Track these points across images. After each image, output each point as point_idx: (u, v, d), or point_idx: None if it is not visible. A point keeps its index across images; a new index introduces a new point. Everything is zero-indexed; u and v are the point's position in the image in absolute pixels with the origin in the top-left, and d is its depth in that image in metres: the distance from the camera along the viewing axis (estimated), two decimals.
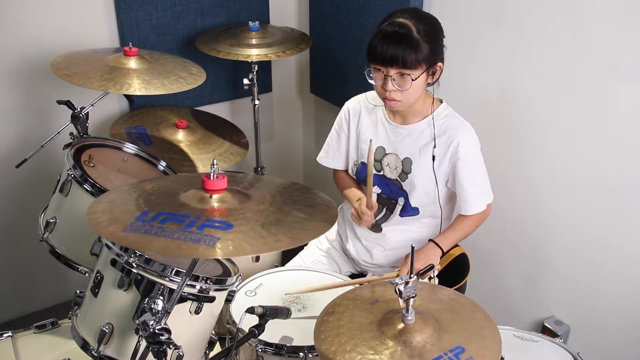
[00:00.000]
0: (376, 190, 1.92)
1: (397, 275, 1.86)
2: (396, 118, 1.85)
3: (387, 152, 1.87)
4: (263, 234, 1.15)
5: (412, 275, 1.22)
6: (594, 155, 1.97)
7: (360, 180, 1.96)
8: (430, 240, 1.88)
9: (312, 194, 1.40)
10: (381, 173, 1.90)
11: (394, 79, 1.66)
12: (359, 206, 1.87)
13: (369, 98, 1.90)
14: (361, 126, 1.93)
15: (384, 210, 1.93)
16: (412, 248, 1.31)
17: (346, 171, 2.03)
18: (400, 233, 1.92)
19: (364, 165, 1.92)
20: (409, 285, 1.21)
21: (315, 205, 1.32)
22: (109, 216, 1.25)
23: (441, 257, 2.15)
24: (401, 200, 1.87)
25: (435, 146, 1.76)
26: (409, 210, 1.87)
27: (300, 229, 1.19)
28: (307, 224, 1.22)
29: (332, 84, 2.95)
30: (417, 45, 1.63)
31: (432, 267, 1.73)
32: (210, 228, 1.15)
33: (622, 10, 1.78)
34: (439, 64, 1.71)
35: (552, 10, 1.95)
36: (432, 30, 1.67)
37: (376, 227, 1.95)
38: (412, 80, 1.65)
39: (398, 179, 1.86)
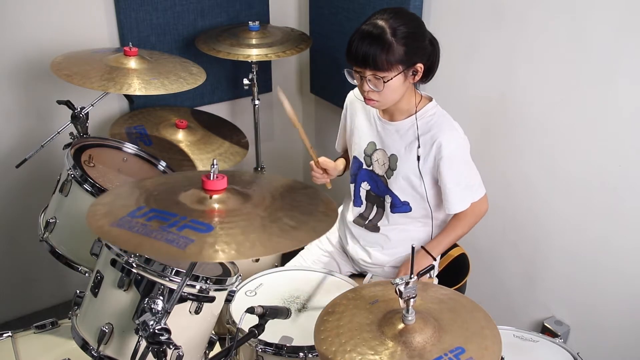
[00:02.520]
0: (365, 186, 1.94)
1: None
2: (385, 114, 1.86)
3: (377, 148, 1.88)
4: (239, 239, 1.14)
5: (412, 276, 1.23)
6: (594, 154, 1.97)
7: (351, 174, 1.99)
8: (422, 247, 1.89)
9: (317, 200, 1.37)
10: (371, 168, 1.91)
11: (369, 80, 1.67)
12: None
13: None
14: (356, 120, 1.95)
15: (375, 207, 1.95)
16: (413, 248, 1.31)
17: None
18: (398, 232, 1.93)
19: (355, 160, 1.95)
20: (409, 286, 1.21)
21: (312, 213, 1.29)
22: (107, 209, 1.27)
23: (441, 257, 2.16)
24: (388, 198, 1.89)
25: (419, 146, 1.77)
26: (399, 206, 1.88)
27: (282, 238, 1.17)
28: (292, 232, 1.19)
29: (332, 84, 2.95)
30: (390, 47, 1.62)
31: (432, 267, 1.73)
32: (189, 229, 1.15)
33: (622, 10, 1.78)
34: (419, 64, 1.69)
35: (552, 10, 1.95)
36: (410, 31, 1.65)
37: (373, 227, 1.96)
38: (385, 82, 1.65)
39: (385, 175, 1.87)
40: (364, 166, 1.92)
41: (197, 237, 1.13)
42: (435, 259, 1.90)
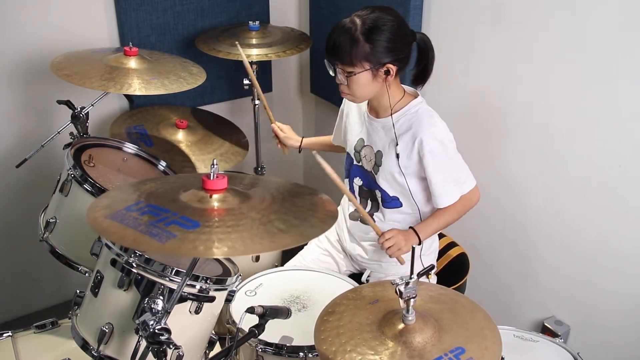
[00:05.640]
0: (358, 182, 1.97)
1: (380, 235, 1.86)
2: (371, 111, 1.89)
3: (365, 144, 1.91)
4: (220, 238, 1.15)
5: (412, 276, 1.23)
6: (594, 154, 1.97)
7: (345, 169, 2.02)
8: (410, 227, 1.89)
9: (318, 206, 1.36)
10: (360, 164, 1.93)
11: (339, 73, 1.73)
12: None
13: None
14: (350, 117, 1.98)
15: (369, 202, 1.96)
16: (413, 249, 1.31)
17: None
18: (392, 226, 1.93)
19: (347, 155, 1.99)
20: (409, 286, 1.21)
21: (306, 219, 1.29)
22: (109, 202, 1.30)
23: (441, 257, 2.16)
24: (378, 193, 1.90)
25: (397, 144, 1.78)
26: (389, 201, 1.89)
27: (265, 240, 1.17)
28: (278, 236, 1.20)
29: (332, 84, 2.91)
30: (355, 43, 1.66)
31: (432, 267, 1.73)
32: (176, 225, 1.18)
33: (622, 11, 1.78)
34: (389, 65, 1.70)
35: (551, 9, 1.95)
36: (381, 30, 1.67)
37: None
38: (349, 76, 1.71)
39: (372, 170, 1.89)
40: (354, 162, 1.95)
41: (181, 233, 1.15)
42: (420, 242, 1.88)
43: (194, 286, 1.38)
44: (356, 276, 2.05)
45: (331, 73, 1.77)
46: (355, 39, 1.66)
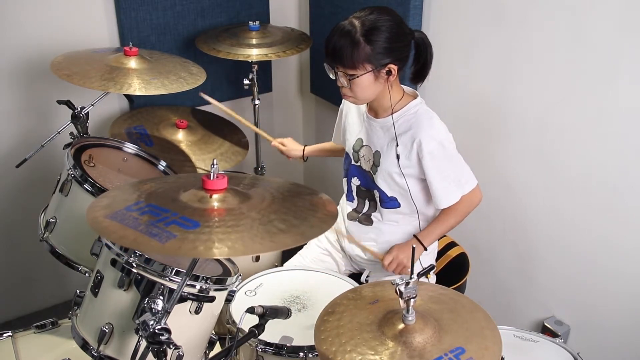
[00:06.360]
0: (355, 182, 1.97)
1: (382, 259, 1.89)
2: (371, 111, 1.89)
3: (363, 144, 1.91)
4: (220, 238, 1.15)
5: (412, 276, 1.23)
6: (594, 154, 1.97)
7: (343, 169, 2.02)
8: (414, 235, 1.90)
9: (319, 205, 1.37)
10: (358, 164, 1.94)
11: (340, 76, 1.73)
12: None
13: None
14: (349, 117, 1.99)
15: (367, 202, 1.96)
16: (413, 249, 1.31)
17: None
18: (390, 227, 1.94)
19: (346, 155, 2.00)
20: (409, 286, 1.21)
21: (307, 218, 1.29)
22: (109, 202, 1.30)
23: (441, 257, 2.16)
24: (376, 193, 1.90)
25: (397, 145, 1.78)
26: (387, 201, 1.89)
27: (265, 240, 1.17)
28: (278, 236, 1.20)
29: (332, 84, 2.92)
30: (356, 46, 1.66)
31: (432, 267, 1.73)
32: (176, 225, 1.18)
33: (622, 10, 1.78)
34: (390, 65, 1.70)
35: (552, 9, 1.95)
36: (381, 31, 1.67)
37: (366, 219, 1.97)
38: (351, 79, 1.70)
39: (370, 171, 1.90)
40: (353, 162, 1.96)
41: (180, 233, 1.15)
42: (426, 249, 1.89)
43: (194, 286, 1.38)
44: (356, 276, 2.05)
45: (332, 76, 1.77)
46: (356, 41, 1.66)
